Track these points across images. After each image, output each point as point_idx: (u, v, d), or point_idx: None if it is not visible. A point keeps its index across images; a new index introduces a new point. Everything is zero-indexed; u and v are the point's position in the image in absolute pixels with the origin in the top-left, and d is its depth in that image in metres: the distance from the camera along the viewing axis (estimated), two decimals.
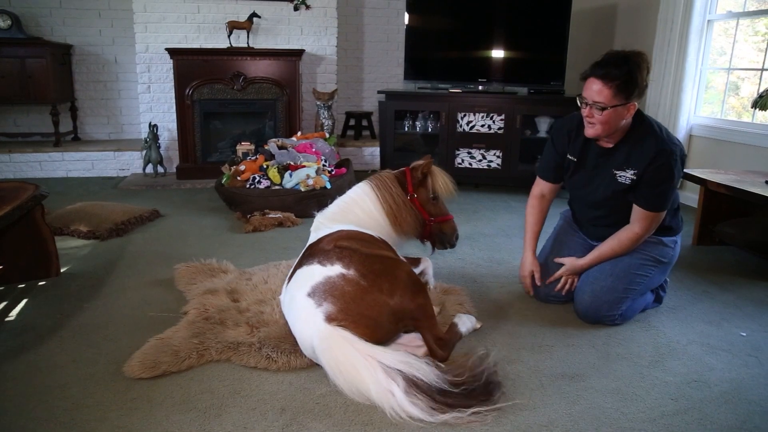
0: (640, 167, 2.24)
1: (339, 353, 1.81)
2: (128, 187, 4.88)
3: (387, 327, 1.97)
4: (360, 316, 1.90)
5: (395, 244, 2.42)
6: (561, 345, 2.25)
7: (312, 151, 4.40)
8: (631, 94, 2.16)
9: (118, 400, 1.81)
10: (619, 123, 2.23)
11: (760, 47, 4.17)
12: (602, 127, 2.22)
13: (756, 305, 2.68)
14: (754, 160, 3.93)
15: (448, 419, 1.70)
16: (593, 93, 2.18)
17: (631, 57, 2.17)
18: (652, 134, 2.24)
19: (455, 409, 1.72)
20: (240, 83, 5.09)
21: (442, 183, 2.47)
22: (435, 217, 2.48)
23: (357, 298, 1.91)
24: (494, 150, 4.89)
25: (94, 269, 2.96)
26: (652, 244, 2.41)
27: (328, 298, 1.91)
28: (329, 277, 1.95)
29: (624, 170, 2.29)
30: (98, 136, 5.81)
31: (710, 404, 1.88)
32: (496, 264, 3.17)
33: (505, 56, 5.05)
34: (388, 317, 1.94)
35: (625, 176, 2.29)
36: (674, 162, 2.21)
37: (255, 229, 3.66)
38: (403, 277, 2.01)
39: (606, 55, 2.21)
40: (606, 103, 2.16)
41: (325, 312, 1.89)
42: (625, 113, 2.20)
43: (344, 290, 1.92)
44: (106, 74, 5.67)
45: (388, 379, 1.74)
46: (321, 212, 2.43)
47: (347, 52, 6.02)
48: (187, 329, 2.18)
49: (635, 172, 2.26)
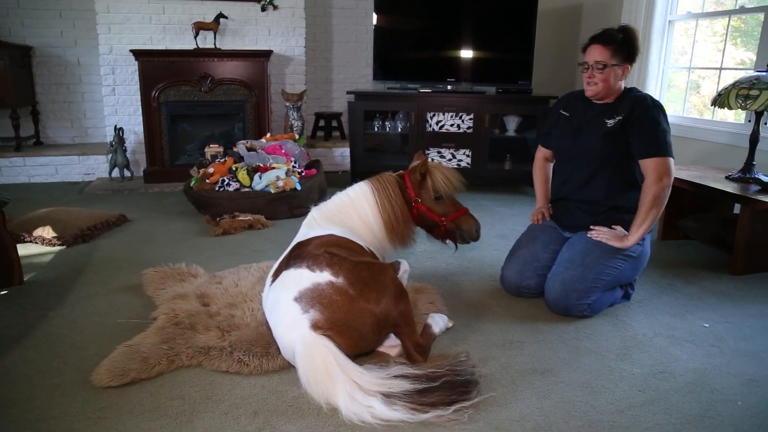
0: (625, 112, 2.46)
1: (320, 362, 1.79)
2: (94, 192, 4.78)
3: (370, 338, 1.97)
4: (345, 327, 1.89)
5: (385, 252, 2.40)
6: (531, 341, 2.28)
7: (281, 152, 4.37)
8: (626, 56, 2.46)
9: (85, 410, 1.78)
10: (616, 83, 2.49)
11: (719, 47, 4.28)
12: (602, 84, 2.47)
13: (718, 297, 2.75)
14: (715, 156, 4.04)
15: (430, 418, 1.71)
16: (596, 54, 2.46)
17: (626, 28, 2.51)
18: (638, 93, 2.53)
19: (437, 407, 1.73)
20: (207, 85, 5.03)
21: (443, 179, 2.42)
22: (446, 216, 2.44)
23: (344, 308, 1.89)
24: (464, 149, 4.93)
25: (59, 276, 2.89)
26: None
27: (315, 306, 1.89)
28: (318, 283, 1.92)
29: (613, 117, 2.50)
30: (62, 140, 5.68)
31: (675, 394, 1.93)
32: (467, 262, 3.19)
33: (474, 56, 5.10)
34: (372, 327, 1.94)
35: (613, 121, 2.49)
36: (655, 107, 2.45)
37: (225, 232, 3.62)
38: (389, 284, 2.00)
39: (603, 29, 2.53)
40: (606, 61, 2.43)
41: (311, 319, 1.88)
42: (620, 74, 2.48)
43: (332, 299, 1.90)
44: (68, 76, 5.55)
45: (366, 397, 1.74)
46: (317, 207, 2.40)
47: (316, 52, 6.00)
48: (156, 335, 2.15)
49: (621, 117, 2.46)
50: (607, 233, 2.50)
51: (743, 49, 4.26)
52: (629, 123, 2.44)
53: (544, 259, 2.62)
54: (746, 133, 3.40)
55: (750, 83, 3.11)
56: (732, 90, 3.17)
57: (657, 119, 2.43)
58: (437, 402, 1.75)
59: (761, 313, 2.58)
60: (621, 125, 2.46)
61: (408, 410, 1.71)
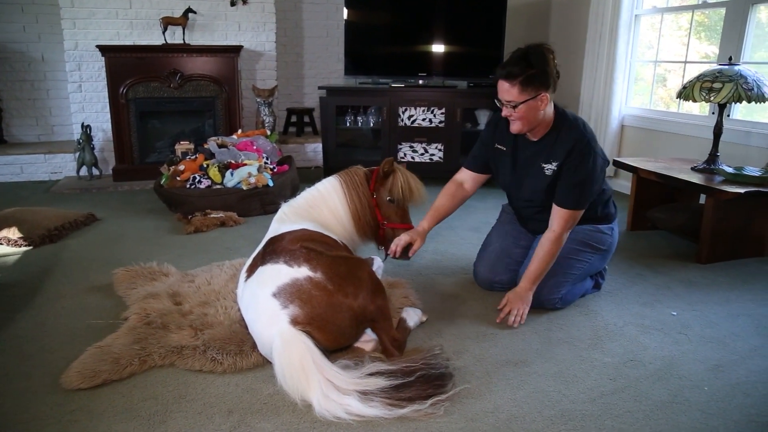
0: (560, 159, 2.31)
1: (296, 359, 1.79)
2: (61, 191, 4.68)
3: (349, 332, 1.98)
4: (325, 322, 1.89)
5: (356, 245, 2.41)
6: (504, 333, 2.31)
7: (253, 148, 4.34)
8: (538, 86, 2.19)
9: (55, 414, 1.75)
10: (537, 115, 2.27)
11: (683, 41, 4.37)
12: (521, 122, 2.27)
13: (685, 286, 2.82)
14: (681, 147, 4.13)
15: (407, 413, 1.71)
16: (504, 93, 2.23)
17: (530, 51, 2.19)
18: (574, 128, 2.31)
19: (414, 402, 1.74)
20: (177, 81, 4.95)
21: (401, 184, 2.41)
22: (388, 221, 2.45)
23: (323, 303, 1.89)
24: (436, 143, 4.95)
25: (26, 278, 2.83)
26: (589, 232, 2.51)
27: (294, 301, 1.88)
28: (296, 279, 1.92)
29: (549, 162, 2.34)
30: (26, 138, 5.54)
31: (645, 381, 1.97)
32: (440, 255, 3.21)
33: (445, 51, 5.11)
34: (350, 321, 1.94)
35: (550, 167, 2.34)
36: (590, 154, 2.27)
37: (196, 229, 3.58)
38: (366, 278, 2.01)
39: (509, 56, 2.24)
40: (516, 100, 2.21)
41: (290, 314, 1.87)
42: (539, 105, 2.23)
43: (311, 294, 1.89)
44: (32, 73, 5.40)
45: (342, 396, 1.74)
46: (287, 203, 2.39)
47: (287, 47, 5.95)
48: (127, 335, 2.12)
49: (558, 164, 2.32)
50: (517, 309, 2.35)
51: (707, 43, 4.35)
52: (563, 169, 2.31)
53: (516, 254, 2.65)
54: (710, 125, 3.49)
55: (713, 76, 3.19)
56: (696, 83, 3.24)
57: (589, 171, 2.28)
58: (414, 396, 1.76)
59: (726, 300, 2.65)
60: (558, 171, 2.32)
61: (385, 406, 1.72)
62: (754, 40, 3.66)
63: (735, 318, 2.47)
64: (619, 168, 3.95)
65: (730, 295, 2.72)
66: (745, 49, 3.65)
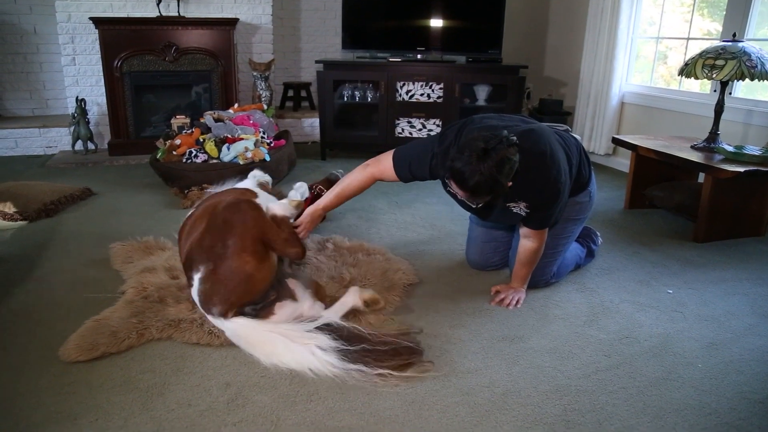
0: (529, 199, 2.14)
1: (253, 338, 1.93)
2: (57, 165, 4.65)
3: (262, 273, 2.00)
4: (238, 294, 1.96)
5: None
6: (501, 309, 2.32)
7: (250, 123, 4.30)
8: (497, 194, 2.03)
9: (54, 386, 1.76)
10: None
11: (686, 18, 4.32)
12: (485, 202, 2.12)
13: (681, 264, 2.83)
14: (681, 125, 4.11)
15: (353, 370, 1.79)
16: (463, 195, 2.03)
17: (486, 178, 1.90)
18: (540, 166, 2.07)
19: (365, 365, 1.81)
20: (172, 54, 4.89)
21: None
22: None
23: (217, 282, 1.96)
24: (434, 119, 4.91)
25: (22, 252, 2.82)
26: (567, 209, 2.35)
27: (210, 302, 1.97)
28: (199, 289, 2.00)
29: (516, 203, 2.16)
30: (21, 112, 5.47)
31: (640, 358, 1.99)
32: (437, 231, 3.21)
33: (444, 25, 5.05)
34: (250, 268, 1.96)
35: (519, 207, 2.17)
36: (558, 194, 2.12)
37: (193, 204, 3.56)
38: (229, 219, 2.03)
39: (462, 168, 1.91)
40: (475, 202, 2.12)
41: (218, 314, 1.96)
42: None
43: (205, 289, 1.97)
44: (25, 46, 5.31)
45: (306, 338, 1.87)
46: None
47: (283, 21, 5.87)
48: (125, 309, 2.13)
49: (527, 205, 2.15)
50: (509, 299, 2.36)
51: (710, 20, 4.30)
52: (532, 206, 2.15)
53: (499, 236, 2.62)
54: (711, 103, 3.46)
55: (716, 53, 3.16)
56: (699, 60, 3.21)
57: (558, 202, 2.14)
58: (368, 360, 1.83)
59: (721, 279, 2.66)
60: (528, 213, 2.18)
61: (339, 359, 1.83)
62: (759, 17, 3.61)
63: (730, 297, 2.48)
64: (618, 145, 3.94)
65: (726, 274, 2.73)
66: (750, 25, 3.61)
